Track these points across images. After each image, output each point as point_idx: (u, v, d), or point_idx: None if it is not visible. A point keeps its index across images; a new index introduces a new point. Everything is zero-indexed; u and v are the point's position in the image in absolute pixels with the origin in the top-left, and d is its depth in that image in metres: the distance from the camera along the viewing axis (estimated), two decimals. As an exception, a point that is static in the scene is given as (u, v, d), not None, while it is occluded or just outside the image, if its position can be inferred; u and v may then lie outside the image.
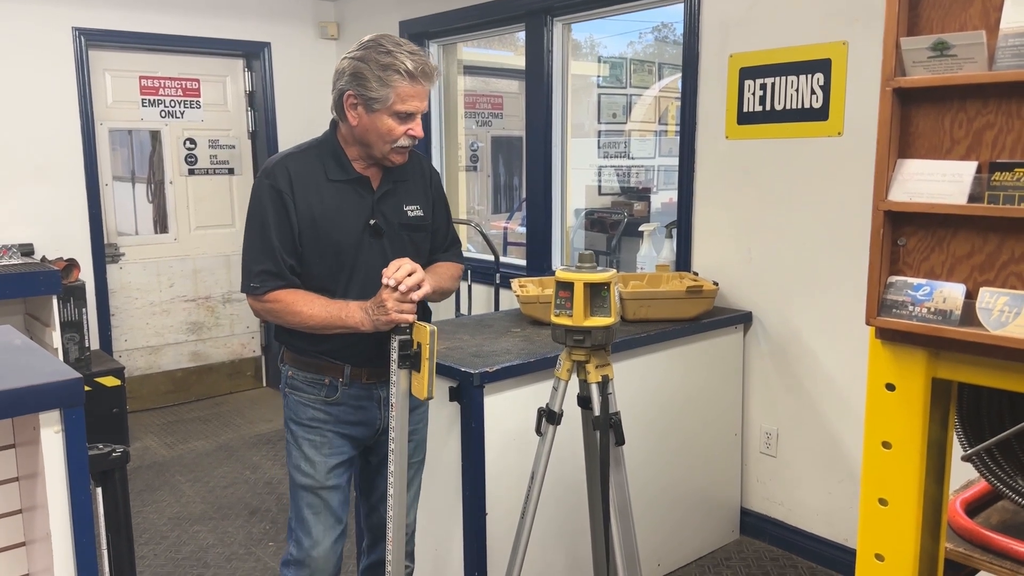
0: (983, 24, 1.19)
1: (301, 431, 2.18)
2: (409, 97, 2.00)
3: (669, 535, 3.20)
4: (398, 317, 1.96)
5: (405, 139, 2.05)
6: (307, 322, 2.05)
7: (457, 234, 2.42)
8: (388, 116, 2.01)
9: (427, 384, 1.97)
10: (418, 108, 2.03)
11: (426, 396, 1.98)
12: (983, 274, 1.22)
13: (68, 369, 1.36)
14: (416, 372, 1.99)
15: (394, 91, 1.99)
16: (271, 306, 2.07)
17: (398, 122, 2.02)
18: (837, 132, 3.03)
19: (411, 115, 2.03)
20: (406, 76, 1.98)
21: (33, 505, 1.41)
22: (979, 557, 1.44)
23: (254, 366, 5.83)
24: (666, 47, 5.09)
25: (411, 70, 1.98)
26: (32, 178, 4.60)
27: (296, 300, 2.05)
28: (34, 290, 3.90)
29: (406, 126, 2.03)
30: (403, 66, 1.98)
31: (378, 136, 2.04)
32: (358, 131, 2.06)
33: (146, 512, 3.81)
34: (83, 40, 4.72)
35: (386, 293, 1.96)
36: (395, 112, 2.01)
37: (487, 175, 5.94)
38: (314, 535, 2.18)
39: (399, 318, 1.96)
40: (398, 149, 2.06)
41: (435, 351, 1.97)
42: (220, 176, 5.51)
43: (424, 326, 1.96)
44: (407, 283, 1.96)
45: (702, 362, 3.26)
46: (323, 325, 2.04)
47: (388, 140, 2.04)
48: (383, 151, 2.06)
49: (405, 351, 1.99)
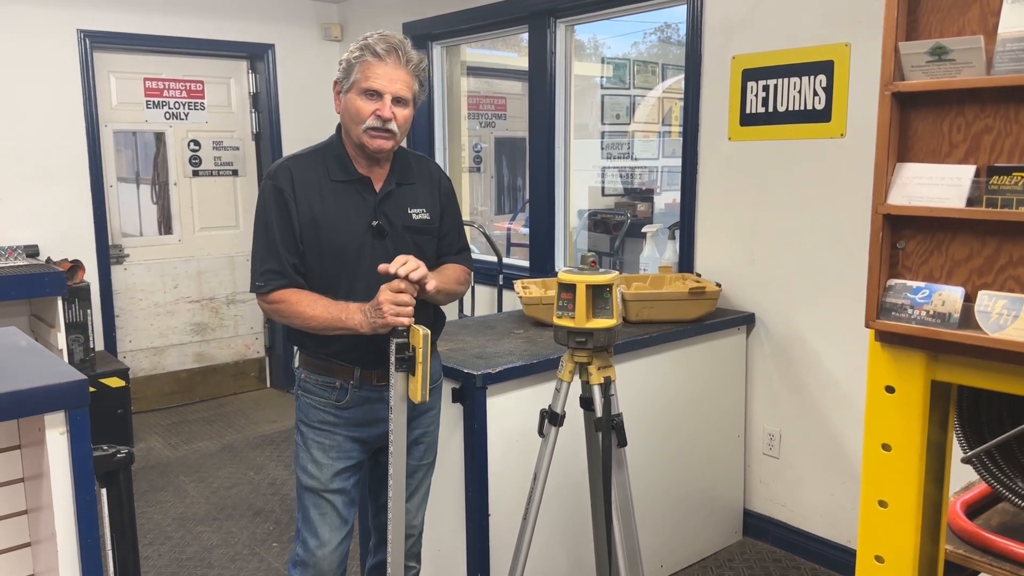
0: (981, 29, 1.20)
1: (311, 433, 2.19)
2: (375, 76, 2.04)
3: (672, 536, 3.20)
4: (394, 320, 1.96)
5: (373, 119, 2.05)
6: (309, 323, 2.06)
7: (467, 242, 2.43)
8: (356, 95, 2.06)
9: (421, 387, 1.96)
10: (385, 87, 2.04)
11: (420, 399, 1.98)
12: (982, 277, 1.23)
13: (73, 370, 1.37)
14: (411, 375, 1.99)
15: (359, 67, 2.05)
16: (276, 306, 2.10)
17: (366, 100, 2.05)
18: (840, 134, 3.03)
19: (378, 94, 2.05)
20: (370, 53, 2.04)
21: (38, 506, 1.42)
22: (979, 559, 1.45)
23: (258, 367, 5.84)
24: (670, 48, 5.09)
25: (371, 45, 2.04)
26: (37, 179, 4.62)
27: (300, 300, 2.07)
28: (39, 291, 3.91)
29: (374, 105, 2.05)
30: (367, 44, 2.05)
31: (350, 118, 2.09)
32: (342, 119, 2.13)
33: (150, 513, 3.82)
34: (88, 42, 4.74)
35: (383, 296, 1.96)
36: (362, 90, 2.05)
37: (490, 176, 5.95)
38: (320, 536, 2.19)
39: (395, 321, 1.96)
40: (371, 131, 2.07)
41: (428, 354, 1.97)
42: (224, 177, 5.53)
43: (418, 329, 1.96)
44: (406, 268, 1.97)
45: (705, 363, 3.26)
46: (324, 326, 2.05)
47: (358, 121, 2.06)
48: (357, 134, 2.08)
49: (401, 354, 1.99)
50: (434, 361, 2.32)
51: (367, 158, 2.13)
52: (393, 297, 1.96)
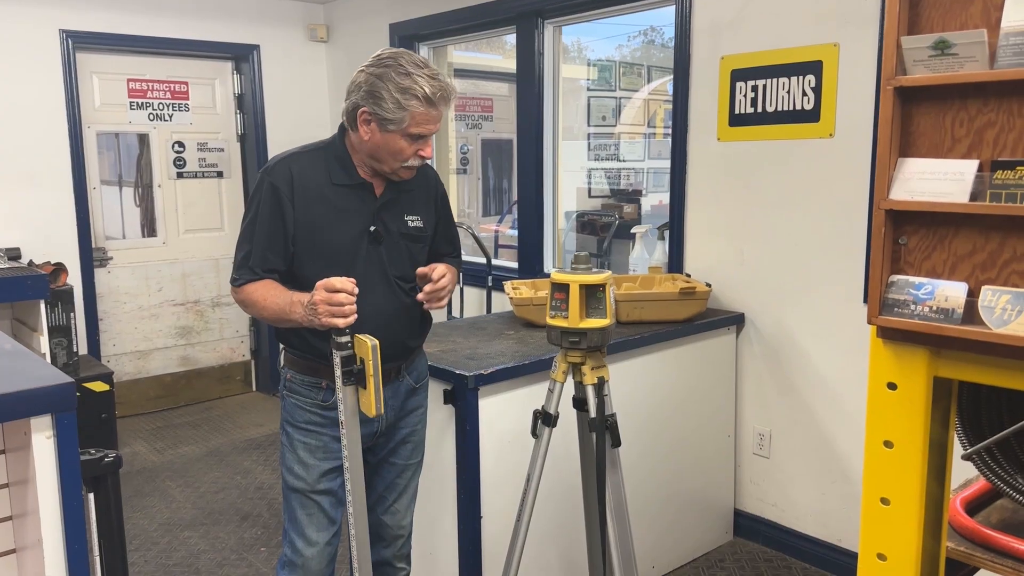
0: (984, 23, 1.19)
1: (297, 434, 2.17)
2: (424, 121, 1.99)
3: (663, 537, 3.19)
4: (328, 321, 1.90)
5: (415, 159, 2.04)
6: (262, 314, 2.06)
7: (460, 245, 2.43)
8: (401, 137, 2.00)
9: (374, 401, 1.89)
10: (432, 131, 2.03)
11: (375, 413, 1.91)
12: (985, 272, 1.22)
13: (59, 373, 1.34)
14: (363, 389, 1.92)
15: (410, 115, 1.97)
16: (244, 297, 2.08)
17: (410, 143, 2.01)
18: (829, 133, 3.03)
19: (424, 137, 2.02)
20: (423, 101, 1.96)
21: (24, 511, 1.39)
22: (981, 556, 1.44)
23: (244, 370, 5.79)
24: (653, 50, 5.09)
25: (429, 95, 1.96)
26: (19, 181, 4.55)
27: (258, 290, 2.05)
28: (21, 295, 3.85)
29: (417, 146, 2.03)
30: (421, 91, 1.95)
31: (389, 154, 2.03)
32: (368, 146, 2.04)
33: (136, 518, 3.77)
34: (70, 43, 4.68)
35: (317, 296, 1.91)
36: (409, 134, 2.00)
37: (477, 178, 5.94)
38: (307, 536, 2.17)
39: (329, 322, 1.90)
40: (407, 167, 2.06)
41: (379, 366, 1.89)
42: (209, 179, 5.47)
43: (365, 340, 1.88)
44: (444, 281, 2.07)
45: (695, 364, 3.26)
46: (274, 318, 2.04)
47: (399, 159, 2.03)
48: (392, 167, 2.06)
49: (348, 367, 1.92)
50: (420, 360, 2.31)
51: (374, 171, 2.11)
52: (327, 297, 1.90)
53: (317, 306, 1.91)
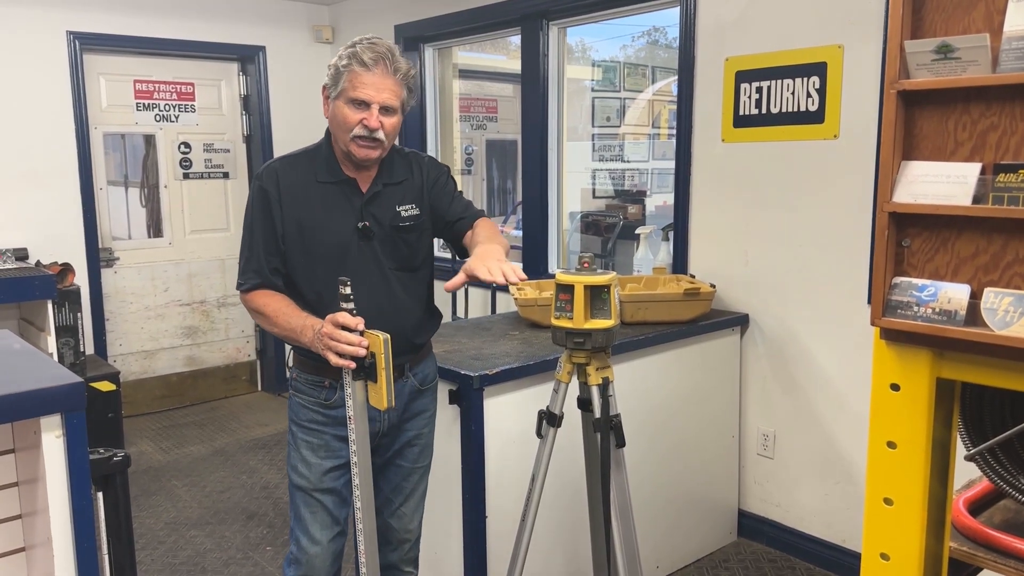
0: (987, 27, 1.20)
1: (301, 432, 2.19)
2: (362, 85, 2.02)
3: (667, 537, 3.20)
4: (336, 362, 1.90)
5: (360, 128, 2.03)
6: (272, 329, 2.09)
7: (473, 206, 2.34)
8: (344, 104, 2.04)
9: (385, 394, 1.90)
10: (372, 97, 2.02)
11: (386, 407, 1.92)
12: (987, 274, 1.23)
13: (69, 373, 1.35)
14: (372, 383, 1.93)
15: (347, 76, 2.02)
16: (251, 304, 2.12)
17: (353, 110, 2.03)
18: (833, 135, 3.04)
19: (365, 104, 2.03)
20: (357, 63, 2.02)
21: (33, 510, 1.40)
22: (984, 556, 1.45)
23: (249, 370, 5.80)
24: (658, 51, 5.10)
25: (363, 58, 2.01)
26: (26, 182, 4.58)
27: (270, 304, 2.08)
28: (29, 295, 3.87)
29: (361, 115, 2.03)
30: (358, 56, 2.02)
31: (338, 125, 2.07)
32: (330, 125, 2.11)
33: (142, 517, 3.79)
34: (77, 44, 4.70)
35: (326, 329, 1.91)
36: (350, 99, 2.02)
37: (481, 179, 5.95)
38: (311, 534, 2.19)
39: (337, 362, 1.90)
40: (358, 140, 2.05)
41: (390, 360, 1.89)
42: (215, 180, 5.49)
43: (377, 335, 1.88)
44: (511, 273, 1.88)
45: (699, 364, 3.26)
46: (284, 336, 2.07)
47: (345, 129, 2.04)
48: (345, 142, 2.06)
49: (359, 362, 1.92)
50: (428, 362, 2.31)
51: (354, 162, 2.12)
52: (331, 331, 1.90)
53: (323, 338, 1.93)
